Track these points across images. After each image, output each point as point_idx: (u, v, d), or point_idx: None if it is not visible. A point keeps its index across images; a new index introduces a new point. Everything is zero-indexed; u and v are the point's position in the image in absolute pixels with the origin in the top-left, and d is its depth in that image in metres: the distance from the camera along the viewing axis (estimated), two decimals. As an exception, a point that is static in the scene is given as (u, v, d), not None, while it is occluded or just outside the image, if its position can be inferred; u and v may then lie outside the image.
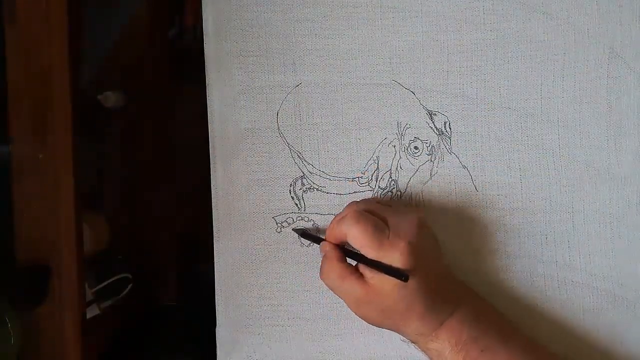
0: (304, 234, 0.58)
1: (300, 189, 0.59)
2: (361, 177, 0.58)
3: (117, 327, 0.73)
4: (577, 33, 0.57)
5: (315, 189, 0.59)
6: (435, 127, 0.58)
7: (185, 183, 0.78)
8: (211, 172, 0.59)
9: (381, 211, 0.54)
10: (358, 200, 0.57)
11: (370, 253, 0.51)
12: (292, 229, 0.58)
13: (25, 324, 0.56)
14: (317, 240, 0.56)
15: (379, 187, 0.58)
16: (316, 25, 0.58)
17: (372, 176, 0.58)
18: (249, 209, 0.59)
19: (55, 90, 0.57)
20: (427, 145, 0.58)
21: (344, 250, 0.54)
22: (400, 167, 0.58)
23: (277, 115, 0.59)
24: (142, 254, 0.77)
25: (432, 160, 0.58)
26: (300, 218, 0.59)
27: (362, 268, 0.52)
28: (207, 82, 0.59)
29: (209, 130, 0.59)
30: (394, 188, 0.58)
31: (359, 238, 0.51)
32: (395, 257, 0.50)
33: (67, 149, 0.57)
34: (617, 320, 0.57)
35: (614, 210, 0.58)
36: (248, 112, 0.59)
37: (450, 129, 0.58)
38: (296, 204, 0.59)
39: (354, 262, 0.53)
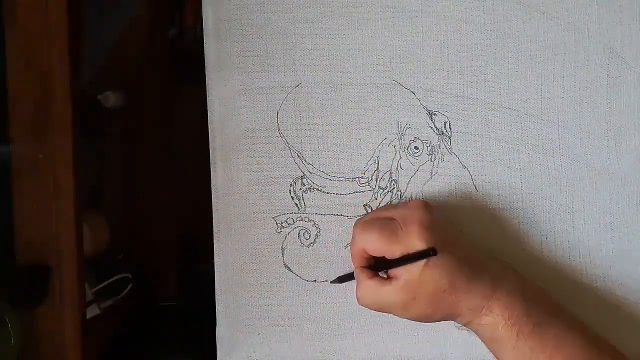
0: (340, 279, 0.57)
1: (301, 189, 0.59)
2: (361, 177, 0.58)
3: (117, 327, 0.73)
4: (577, 33, 0.57)
5: (315, 189, 0.59)
6: (436, 127, 0.58)
7: (185, 183, 0.78)
8: (211, 172, 0.59)
9: (384, 213, 0.54)
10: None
11: (392, 251, 0.51)
12: (331, 282, 0.57)
13: (25, 324, 0.56)
14: (351, 276, 0.55)
15: (379, 187, 0.58)
16: (316, 25, 0.58)
17: (372, 176, 0.58)
18: (249, 209, 0.59)
19: (55, 90, 0.56)
20: (428, 145, 0.58)
21: (375, 267, 0.53)
22: (401, 167, 0.58)
23: (277, 115, 0.59)
24: (142, 253, 0.77)
25: (433, 160, 0.58)
26: (300, 218, 0.59)
27: (393, 272, 0.52)
28: (207, 82, 0.59)
29: (209, 130, 0.59)
30: (394, 188, 0.58)
31: (375, 243, 0.51)
32: (414, 241, 0.50)
33: (67, 149, 0.57)
34: (617, 321, 0.57)
35: (614, 210, 0.58)
36: (248, 112, 0.59)
37: (450, 129, 0.58)
38: (296, 204, 0.59)
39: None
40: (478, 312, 0.51)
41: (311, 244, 0.59)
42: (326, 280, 0.58)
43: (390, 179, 0.58)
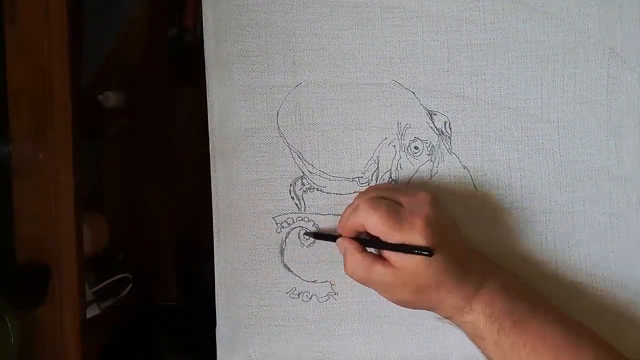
0: (316, 234, 0.58)
1: (301, 189, 0.59)
2: (361, 177, 0.58)
3: (117, 327, 0.73)
4: (577, 33, 0.57)
5: (315, 189, 0.59)
6: (436, 127, 0.58)
7: (185, 183, 0.77)
8: (211, 172, 0.59)
9: (394, 195, 0.54)
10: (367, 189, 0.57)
11: (392, 237, 0.51)
12: (305, 233, 0.58)
13: (25, 324, 0.56)
14: (332, 238, 0.56)
15: (379, 187, 0.58)
16: (316, 25, 0.58)
17: (372, 176, 0.58)
18: (249, 209, 0.59)
19: (55, 90, 0.56)
20: (427, 145, 0.58)
21: (363, 241, 0.54)
22: (401, 167, 0.58)
23: (277, 115, 0.59)
24: (142, 254, 0.77)
25: (432, 160, 0.58)
26: (300, 218, 0.59)
27: (387, 253, 0.52)
28: (207, 82, 0.59)
29: (209, 130, 0.59)
30: (394, 188, 0.58)
31: (378, 224, 0.51)
32: (416, 236, 0.50)
33: (67, 149, 0.57)
34: (617, 321, 0.57)
35: (614, 210, 0.58)
36: (248, 112, 0.59)
37: (450, 129, 0.58)
38: (296, 204, 0.59)
39: (374, 250, 0.54)
40: (459, 310, 0.52)
41: (311, 244, 0.59)
42: (326, 281, 0.58)
43: (390, 179, 0.58)
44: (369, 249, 0.54)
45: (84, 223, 0.59)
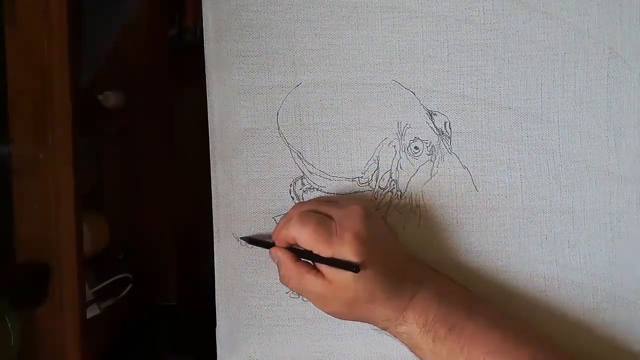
0: (251, 240, 0.58)
1: (301, 189, 0.59)
2: (361, 177, 0.58)
3: (117, 327, 0.73)
4: (577, 33, 0.57)
5: (315, 189, 0.59)
6: (436, 127, 0.58)
7: (185, 183, 0.78)
8: (211, 172, 0.59)
9: (326, 208, 0.54)
10: (303, 201, 0.58)
11: (322, 250, 0.51)
12: (240, 238, 0.58)
13: (25, 324, 0.56)
14: (266, 245, 0.56)
15: (379, 187, 0.58)
16: (316, 25, 0.58)
17: (372, 176, 0.58)
18: (249, 209, 0.59)
19: (55, 90, 0.56)
20: (427, 145, 0.58)
21: (296, 251, 0.54)
22: (401, 167, 0.58)
23: (277, 115, 0.59)
24: (142, 254, 0.77)
25: (433, 160, 0.58)
26: (300, 218, 0.59)
27: (320, 266, 0.52)
28: (207, 82, 0.59)
29: (209, 130, 0.59)
30: (394, 188, 0.58)
31: (307, 239, 0.52)
32: (345, 250, 0.50)
33: (67, 149, 0.57)
34: (617, 321, 0.57)
35: (614, 210, 0.58)
36: (248, 112, 0.59)
37: (450, 129, 0.58)
38: (296, 204, 0.59)
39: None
40: (393, 322, 0.52)
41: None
42: None
43: (390, 179, 0.58)
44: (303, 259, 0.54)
45: (84, 223, 0.59)
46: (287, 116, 0.59)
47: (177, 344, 0.76)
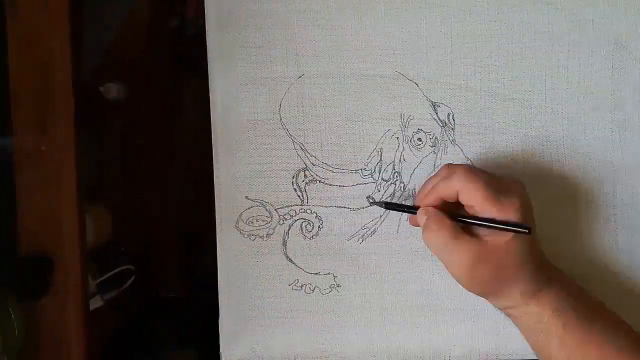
0: (388, 205, 0.56)
1: (303, 180, 0.59)
2: (364, 168, 0.58)
3: (119, 319, 0.73)
4: (582, 24, 0.57)
5: (318, 181, 0.59)
6: (439, 119, 0.58)
7: (187, 175, 0.77)
8: (214, 164, 0.59)
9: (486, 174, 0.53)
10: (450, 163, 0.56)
11: (487, 210, 0.50)
12: (373, 202, 0.57)
13: (29, 315, 0.56)
14: (408, 207, 0.54)
15: (382, 179, 0.58)
16: (319, 16, 0.58)
17: (375, 168, 0.58)
18: (251, 201, 0.59)
19: (57, 82, 0.56)
20: (431, 136, 0.58)
21: (453, 213, 0.52)
22: (404, 159, 0.58)
23: (280, 106, 0.58)
24: (145, 245, 0.77)
25: (436, 152, 0.58)
26: (303, 210, 0.59)
27: (475, 228, 0.51)
28: (209, 73, 0.59)
29: (212, 122, 0.59)
30: (397, 180, 0.58)
31: (475, 195, 0.50)
32: (512, 213, 0.49)
33: (69, 141, 0.57)
34: (620, 313, 0.57)
35: (617, 203, 0.57)
36: (250, 103, 0.58)
37: (453, 120, 0.58)
38: (299, 196, 0.59)
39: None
40: (527, 298, 0.51)
41: (314, 236, 0.59)
42: (329, 273, 0.58)
43: (394, 171, 0.58)
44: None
45: (86, 215, 0.59)
46: (290, 108, 0.58)
47: (179, 336, 0.76)
